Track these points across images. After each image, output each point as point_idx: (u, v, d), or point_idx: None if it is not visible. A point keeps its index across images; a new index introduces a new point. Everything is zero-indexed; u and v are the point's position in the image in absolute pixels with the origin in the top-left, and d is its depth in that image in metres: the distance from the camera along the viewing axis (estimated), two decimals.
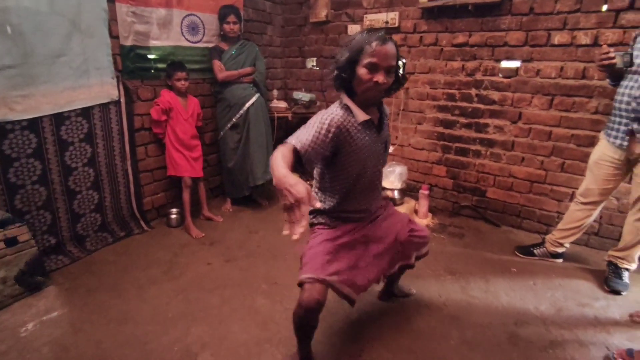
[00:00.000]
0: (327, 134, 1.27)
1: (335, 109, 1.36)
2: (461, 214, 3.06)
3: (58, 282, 2.12)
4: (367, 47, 1.27)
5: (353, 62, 1.30)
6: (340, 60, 1.33)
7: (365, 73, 1.29)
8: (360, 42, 1.29)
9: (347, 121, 1.33)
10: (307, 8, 3.47)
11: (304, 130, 1.29)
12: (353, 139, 1.34)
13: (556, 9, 2.39)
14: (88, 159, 2.41)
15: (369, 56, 1.27)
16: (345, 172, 1.41)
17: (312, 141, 1.25)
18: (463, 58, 2.79)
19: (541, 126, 2.60)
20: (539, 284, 2.17)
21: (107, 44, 2.35)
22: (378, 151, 1.46)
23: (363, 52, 1.28)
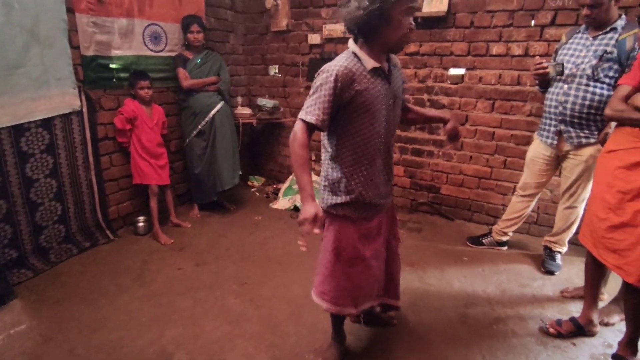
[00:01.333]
0: (331, 89, 1.22)
1: (341, 59, 1.26)
2: (419, 210, 3.29)
3: (23, 295, 2.09)
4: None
5: (390, 5, 1.17)
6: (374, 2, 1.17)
7: (405, 19, 1.20)
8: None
9: (355, 69, 1.25)
10: (268, 17, 3.59)
11: (312, 98, 1.25)
12: (363, 88, 1.25)
13: (492, 23, 2.67)
14: (50, 170, 2.38)
15: (409, 1, 1.19)
16: (359, 126, 1.31)
17: (324, 107, 1.23)
18: (415, 66, 3.02)
19: (485, 127, 2.87)
20: (487, 270, 2.41)
21: (68, 54, 2.35)
22: (390, 105, 1.34)
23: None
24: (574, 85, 2.06)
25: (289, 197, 3.43)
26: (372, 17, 1.19)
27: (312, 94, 1.27)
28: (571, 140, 2.12)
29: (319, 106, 1.24)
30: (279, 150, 3.93)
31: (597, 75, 1.99)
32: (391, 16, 1.19)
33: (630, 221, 1.48)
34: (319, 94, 1.24)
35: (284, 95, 3.72)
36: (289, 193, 3.48)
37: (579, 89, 2.04)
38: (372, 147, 1.35)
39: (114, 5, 2.55)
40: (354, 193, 1.39)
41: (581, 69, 2.03)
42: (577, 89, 2.05)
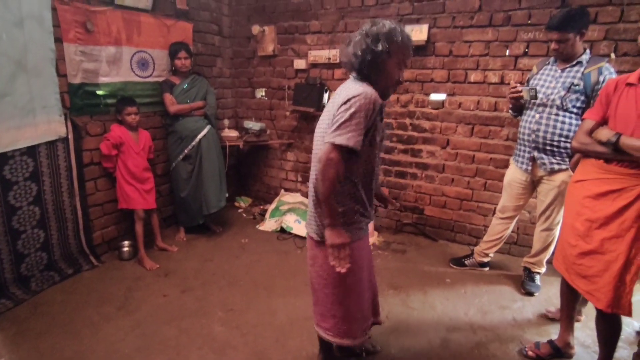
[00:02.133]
0: (371, 114, 1.28)
1: (369, 88, 1.31)
2: (404, 231, 3.35)
3: (3, 327, 2.06)
4: (404, 46, 1.31)
5: (387, 57, 1.29)
6: (377, 51, 1.28)
7: (396, 70, 1.33)
8: (400, 40, 1.30)
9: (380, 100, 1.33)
10: (255, 42, 3.67)
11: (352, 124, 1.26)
12: (377, 118, 1.35)
13: (470, 52, 2.80)
14: (34, 198, 2.37)
15: (404, 55, 1.31)
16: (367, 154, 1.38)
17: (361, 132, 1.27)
18: (397, 91, 3.13)
19: (465, 151, 2.97)
20: (469, 292, 2.47)
21: (55, 83, 2.37)
22: (382, 134, 1.47)
23: (399, 51, 1.30)
24: (544, 114, 2.17)
25: (276, 219, 3.46)
26: (366, 64, 1.31)
27: (349, 119, 1.26)
28: (544, 166, 2.22)
29: (360, 131, 1.26)
30: (265, 171, 3.97)
31: (566, 105, 2.10)
32: (385, 67, 1.31)
33: (598, 248, 1.56)
34: (359, 120, 1.25)
35: (271, 117, 3.78)
36: (276, 214, 3.51)
37: (549, 118, 2.16)
38: (369, 174, 1.43)
39: (102, 35, 2.60)
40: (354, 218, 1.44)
41: (551, 99, 2.14)
42: (547, 118, 2.16)
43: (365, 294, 1.53)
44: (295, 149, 3.72)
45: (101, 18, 2.58)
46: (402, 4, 2.95)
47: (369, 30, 1.33)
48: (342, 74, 3.31)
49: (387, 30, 1.30)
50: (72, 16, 2.42)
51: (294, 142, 3.71)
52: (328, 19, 3.28)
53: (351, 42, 1.37)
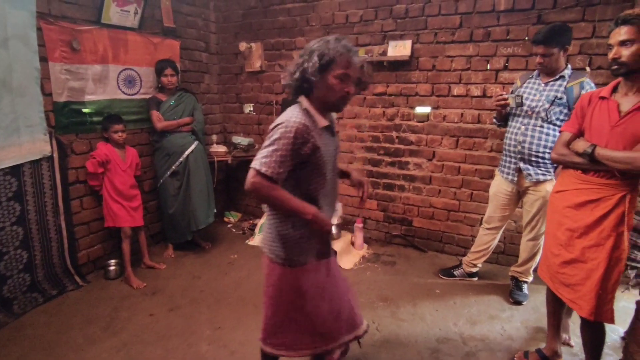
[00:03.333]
0: (290, 145, 1.26)
1: (297, 114, 1.30)
2: (393, 243, 3.36)
3: None
4: (341, 58, 1.27)
5: (322, 71, 1.28)
6: (308, 66, 1.28)
7: (337, 83, 1.28)
8: (333, 52, 1.27)
9: (310, 125, 1.30)
10: (242, 59, 3.72)
11: (269, 150, 1.26)
12: (318, 143, 1.31)
13: (452, 67, 2.88)
14: (17, 218, 2.33)
15: (343, 67, 1.27)
16: (313, 177, 1.37)
17: (280, 161, 1.25)
18: (383, 105, 3.19)
19: (451, 162, 3.02)
20: (458, 302, 2.48)
21: (40, 102, 2.36)
22: (334, 152, 1.45)
23: (335, 63, 1.27)
24: (530, 126, 2.23)
25: None
26: (304, 82, 1.31)
27: (268, 145, 1.27)
28: (530, 177, 2.27)
29: (277, 160, 1.25)
30: None
31: (550, 117, 2.17)
32: (323, 82, 1.29)
33: (579, 257, 1.59)
34: (277, 148, 1.25)
35: (259, 132, 3.81)
36: None
37: (534, 129, 2.21)
38: (322, 193, 1.41)
39: (89, 53, 2.61)
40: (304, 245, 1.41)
41: (536, 111, 2.20)
42: (533, 130, 2.22)
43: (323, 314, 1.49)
44: None
45: (87, 37, 2.59)
46: (386, 20, 3.03)
47: (306, 48, 1.32)
48: None
49: (321, 45, 1.29)
50: (57, 35, 2.42)
51: None
52: (314, 35, 3.35)
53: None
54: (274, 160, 1.25)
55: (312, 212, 1.29)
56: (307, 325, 1.49)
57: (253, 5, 3.58)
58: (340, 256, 2.98)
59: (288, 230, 1.40)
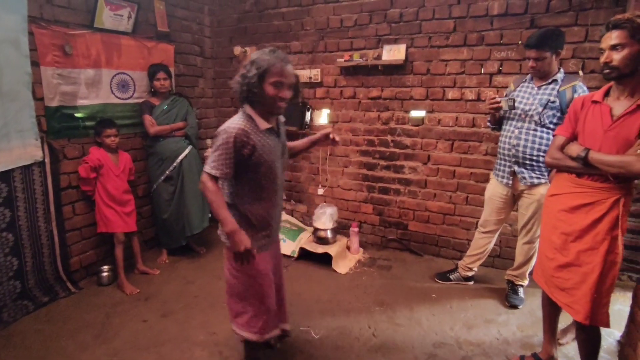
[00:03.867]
0: (232, 148, 1.46)
1: (238, 120, 1.51)
2: (389, 247, 3.35)
3: None
4: (274, 67, 1.46)
5: (260, 80, 1.47)
6: (248, 77, 1.47)
7: (272, 90, 1.47)
8: (268, 62, 1.46)
9: (249, 129, 1.49)
10: (237, 63, 3.71)
11: (216, 155, 1.47)
12: (256, 144, 1.50)
13: (446, 71, 2.89)
14: (7, 224, 2.30)
15: (276, 75, 1.46)
16: (256, 172, 1.56)
17: (226, 163, 1.47)
18: (378, 109, 3.19)
19: (446, 166, 3.03)
20: (454, 307, 2.47)
21: (31, 107, 2.33)
22: (280, 153, 1.64)
23: (269, 72, 1.46)
24: (523, 130, 2.23)
25: None
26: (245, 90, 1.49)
27: (214, 151, 1.48)
28: (524, 180, 2.27)
29: (222, 162, 1.47)
30: None
31: (543, 121, 2.17)
32: (260, 90, 1.48)
33: (574, 261, 1.59)
34: (221, 152, 1.46)
35: None
36: None
37: (528, 133, 2.22)
38: (269, 189, 1.62)
39: (81, 57, 2.59)
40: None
41: (529, 115, 2.21)
42: (527, 133, 2.22)
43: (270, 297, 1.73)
44: None
45: (80, 41, 2.57)
46: (380, 25, 3.04)
47: (249, 60, 1.50)
48: (324, 93, 3.37)
49: (257, 56, 1.48)
50: (50, 40, 2.40)
51: None
52: (308, 40, 3.35)
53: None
54: (220, 163, 1.47)
55: (230, 230, 1.48)
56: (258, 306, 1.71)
57: (248, 10, 3.58)
58: (336, 260, 2.97)
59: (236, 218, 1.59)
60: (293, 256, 3.14)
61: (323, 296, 2.60)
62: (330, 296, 2.60)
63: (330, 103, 3.37)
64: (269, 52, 1.49)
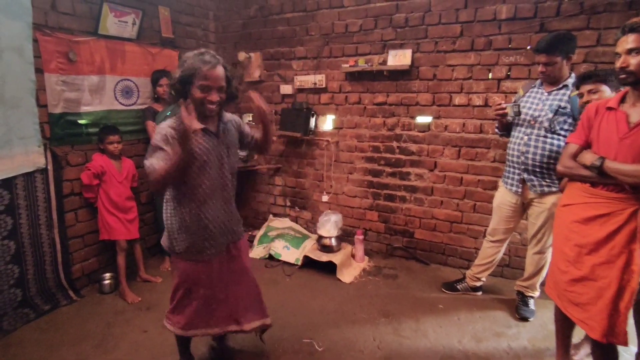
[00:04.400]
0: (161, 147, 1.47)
1: (170, 120, 1.53)
2: (394, 255, 3.29)
3: None
4: (199, 71, 1.44)
5: (187, 83, 1.47)
6: (174, 79, 1.50)
7: (198, 93, 1.46)
8: (192, 66, 1.44)
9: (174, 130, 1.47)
10: (241, 68, 3.69)
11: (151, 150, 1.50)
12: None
13: (454, 76, 2.83)
14: (8, 232, 2.28)
15: (201, 79, 1.45)
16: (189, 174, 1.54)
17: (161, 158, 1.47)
18: (384, 115, 3.14)
19: (453, 173, 2.96)
20: (462, 318, 2.40)
21: (34, 113, 2.33)
22: (220, 154, 1.61)
23: (196, 76, 1.44)
24: (533, 136, 2.17)
25: (264, 245, 3.38)
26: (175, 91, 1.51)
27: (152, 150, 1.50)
28: (534, 188, 2.21)
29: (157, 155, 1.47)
30: (253, 196, 3.91)
31: (554, 127, 2.11)
32: (190, 92, 1.49)
33: (589, 275, 1.52)
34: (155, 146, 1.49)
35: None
36: (264, 241, 3.43)
37: (537, 139, 2.16)
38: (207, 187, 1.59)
39: (85, 64, 2.58)
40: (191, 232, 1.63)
41: (539, 121, 2.15)
42: (536, 140, 2.16)
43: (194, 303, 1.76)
44: (283, 173, 3.69)
45: (84, 48, 2.57)
46: (386, 30, 3.00)
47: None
48: (328, 98, 3.33)
49: (184, 59, 1.49)
50: (54, 47, 2.40)
51: (282, 166, 3.67)
52: (313, 45, 3.32)
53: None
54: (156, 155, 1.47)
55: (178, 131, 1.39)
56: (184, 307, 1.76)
57: (253, 15, 3.56)
58: (340, 269, 2.91)
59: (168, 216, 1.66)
60: (297, 264, 3.09)
61: (327, 306, 2.54)
62: (335, 306, 2.54)
63: (335, 109, 3.33)
64: (197, 55, 1.47)
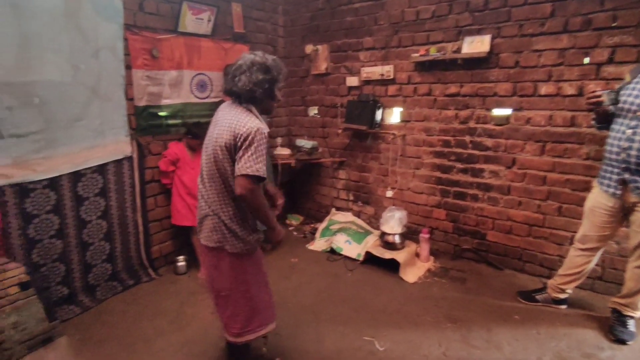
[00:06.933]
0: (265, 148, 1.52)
1: (259, 120, 1.53)
2: (463, 257, 3.07)
3: (69, 333, 2.19)
4: (283, 74, 1.60)
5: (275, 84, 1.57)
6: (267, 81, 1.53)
7: (279, 94, 1.62)
8: (282, 69, 1.59)
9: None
10: (308, 61, 3.71)
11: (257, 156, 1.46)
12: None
13: (540, 62, 2.53)
14: (102, 212, 2.55)
15: (282, 81, 1.62)
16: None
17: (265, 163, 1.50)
18: (456, 107, 2.93)
19: (535, 171, 2.67)
20: (543, 333, 2.15)
21: (123, 106, 2.56)
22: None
23: (281, 79, 1.60)
24: (638, 129, 1.86)
25: (326, 238, 3.38)
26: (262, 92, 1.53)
27: (254, 152, 1.45)
28: (637, 191, 1.89)
29: (263, 162, 1.48)
30: (317, 189, 3.93)
31: None
32: (273, 92, 1.58)
33: None
34: (260, 153, 1.47)
35: (323, 135, 3.76)
36: (326, 234, 3.43)
37: None
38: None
39: (166, 60, 2.77)
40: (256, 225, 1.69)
41: None
42: None
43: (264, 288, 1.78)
44: (347, 167, 3.64)
45: (166, 45, 2.76)
46: (461, 15, 2.78)
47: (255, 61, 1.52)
48: (396, 90, 3.20)
49: (272, 62, 1.54)
50: (140, 45, 2.61)
51: (346, 160, 3.63)
52: (381, 35, 3.20)
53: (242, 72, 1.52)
54: (263, 163, 1.48)
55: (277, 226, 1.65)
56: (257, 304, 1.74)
57: (320, 7, 3.54)
58: (404, 268, 2.80)
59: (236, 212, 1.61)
60: (358, 259, 3.04)
61: (389, 306, 2.45)
62: (397, 306, 2.45)
63: (403, 101, 3.18)
64: (275, 59, 1.58)
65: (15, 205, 2.12)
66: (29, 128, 2.12)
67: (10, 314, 1.95)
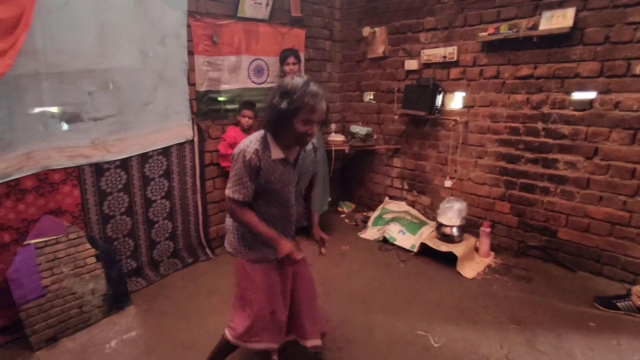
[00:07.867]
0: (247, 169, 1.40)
1: (255, 142, 1.43)
2: (528, 255, 2.83)
3: (137, 303, 2.37)
4: (306, 107, 1.34)
5: (291, 114, 1.36)
6: (279, 108, 1.36)
7: (301, 127, 1.37)
8: (301, 99, 1.33)
9: (261, 154, 1.42)
10: (365, 45, 3.59)
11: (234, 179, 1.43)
12: (264, 171, 1.43)
13: (636, 37, 2.20)
14: (165, 192, 2.70)
15: (308, 113, 1.35)
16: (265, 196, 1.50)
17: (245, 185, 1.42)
18: (528, 91, 2.66)
19: (622, 163, 2.36)
20: (624, 345, 1.92)
21: (186, 91, 2.67)
22: (291, 182, 1.53)
23: (302, 109, 1.34)
24: None
25: (378, 227, 3.30)
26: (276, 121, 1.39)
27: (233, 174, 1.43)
28: None
29: (240, 185, 1.42)
30: (370, 177, 3.84)
31: None
32: (292, 123, 1.37)
33: None
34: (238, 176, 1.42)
35: (378, 121, 3.65)
36: (379, 223, 3.35)
37: None
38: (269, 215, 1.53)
39: (226, 46, 2.83)
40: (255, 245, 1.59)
41: None
42: None
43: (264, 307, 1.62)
44: (402, 154, 3.51)
45: (225, 30, 2.81)
46: None
47: (280, 87, 1.39)
48: (459, 73, 2.98)
49: (290, 89, 1.34)
50: (202, 31, 2.68)
51: (402, 147, 3.49)
52: (444, 14, 2.99)
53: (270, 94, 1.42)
54: (240, 186, 1.42)
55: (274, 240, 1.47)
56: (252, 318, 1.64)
57: None
58: (461, 262, 2.65)
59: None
60: (412, 251, 2.93)
61: (445, 300, 2.34)
62: (454, 302, 2.32)
63: (467, 85, 2.97)
64: (304, 86, 1.35)
65: (92, 183, 2.31)
66: (106, 112, 2.28)
67: (89, 282, 2.16)
